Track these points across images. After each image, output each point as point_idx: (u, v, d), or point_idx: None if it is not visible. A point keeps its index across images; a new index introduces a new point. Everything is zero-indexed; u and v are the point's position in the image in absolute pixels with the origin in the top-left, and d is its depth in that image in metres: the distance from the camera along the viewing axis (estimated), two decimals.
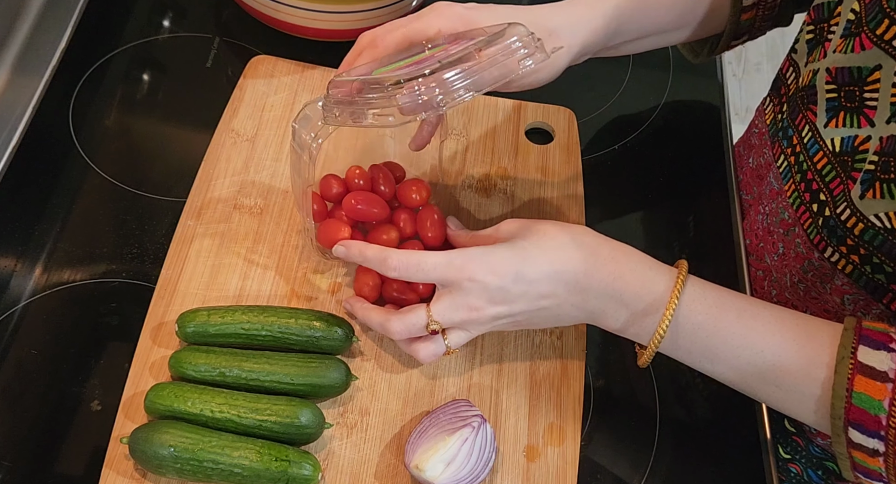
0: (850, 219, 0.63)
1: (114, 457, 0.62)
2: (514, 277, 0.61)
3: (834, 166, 0.66)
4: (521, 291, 0.61)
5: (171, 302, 0.69)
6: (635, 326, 0.62)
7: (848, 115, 0.64)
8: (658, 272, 0.62)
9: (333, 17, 0.85)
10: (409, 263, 0.62)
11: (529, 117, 0.85)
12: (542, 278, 0.61)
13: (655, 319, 0.61)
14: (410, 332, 0.64)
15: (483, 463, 0.63)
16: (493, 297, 0.61)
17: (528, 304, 0.62)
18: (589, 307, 0.63)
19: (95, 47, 0.86)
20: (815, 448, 0.78)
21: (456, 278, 0.61)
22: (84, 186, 0.77)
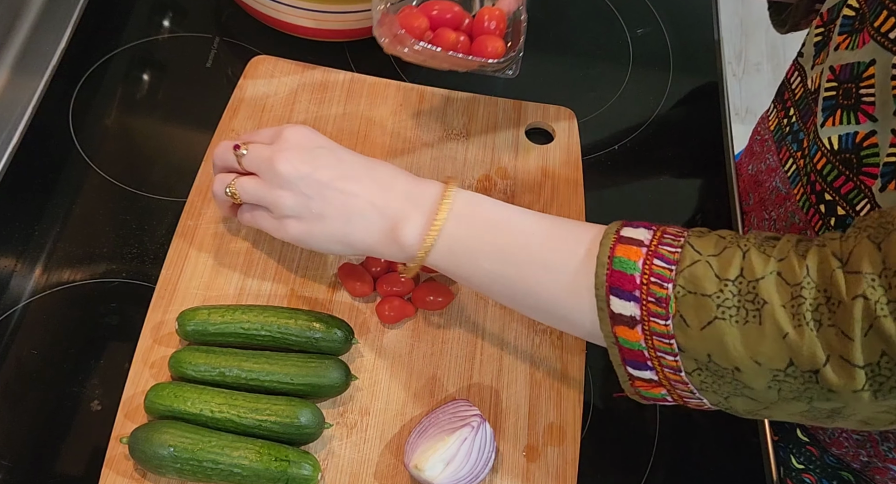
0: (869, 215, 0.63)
1: (114, 457, 0.62)
2: (329, 147, 0.64)
3: (835, 165, 0.65)
4: (330, 163, 0.63)
5: (171, 302, 0.69)
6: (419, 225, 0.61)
7: (845, 112, 0.64)
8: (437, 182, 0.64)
9: (333, 17, 0.85)
10: (243, 136, 0.67)
11: (529, 117, 0.85)
12: (354, 159, 0.64)
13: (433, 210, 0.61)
14: (222, 154, 0.66)
15: (483, 463, 0.63)
16: (303, 154, 0.63)
17: (331, 177, 0.62)
18: (388, 210, 0.61)
19: (95, 47, 0.86)
20: (829, 458, 0.78)
21: (279, 134, 0.64)
22: (84, 186, 0.77)
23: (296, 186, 0.62)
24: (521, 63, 0.74)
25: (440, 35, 0.72)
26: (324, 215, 0.62)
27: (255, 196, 0.64)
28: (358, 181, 0.62)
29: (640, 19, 1.00)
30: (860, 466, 0.75)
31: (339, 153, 0.64)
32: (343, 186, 0.62)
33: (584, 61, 0.95)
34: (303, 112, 0.82)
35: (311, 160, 0.62)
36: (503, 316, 0.73)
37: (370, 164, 0.64)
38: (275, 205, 0.63)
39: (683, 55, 0.97)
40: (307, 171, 0.62)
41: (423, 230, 0.61)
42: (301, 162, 0.62)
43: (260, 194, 0.64)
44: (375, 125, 0.83)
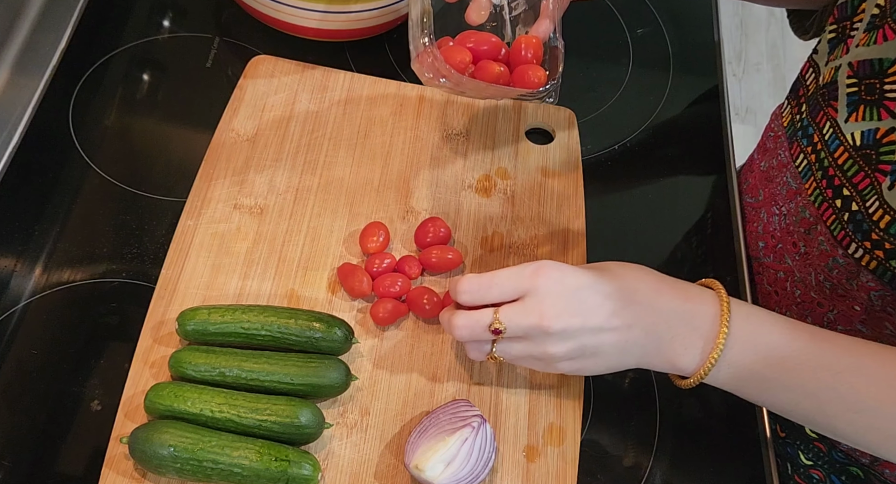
0: (877, 212, 0.63)
1: (114, 457, 0.62)
2: (590, 286, 0.58)
3: (856, 161, 0.66)
4: (596, 303, 0.58)
5: (171, 302, 0.69)
6: (695, 347, 0.59)
7: (868, 108, 0.64)
8: (707, 293, 0.61)
9: (333, 17, 0.85)
10: (481, 283, 0.60)
11: (529, 117, 0.85)
12: (618, 292, 0.59)
13: (711, 333, 0.59)
14: (473, 329, 0.60)
15: (483, 463, 0.63)
16: (568, 305, 0.58)
17: (602, 320, 0.58)
18: (660, 332, 0.60)
19: (95, 47, 0.86)
20: (837, 454, 0.78)
21: (530, 284, 0.58)
22: (84, 186, 0.77)
23: (570, 340, 0.59)
24: (559, 90, 0.74)
25: (483, 68, 0.72)
26: (598, 353, 0.60)
27: (526, 357, 0.61)
28: (628, 312, 0.59)
29: (640, 19, 1.00)
30: (869, 461, 0.75)
31: (599, 287, 0.59)
32: (616, 324, 0.59)
33: (584, 61, 0.95)
34: (303, 112, 0.82)
35: (578, 309, 0.58)
36: None
37: (631, 283, 0.60)
38: (545, 356, 0.60)
39: (683, 55, 0.97)
40: (578, 323, 0.58)
41: (701, 356, 0.59)
42: (570, 315, 0.58)
43: (530, 356, 0.61)
44: (375, 125, 0.83)
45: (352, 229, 0.76)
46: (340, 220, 0.76)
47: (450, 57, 0.71)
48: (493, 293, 0.60)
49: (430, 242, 0.75)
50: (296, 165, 0.79)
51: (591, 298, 0.59)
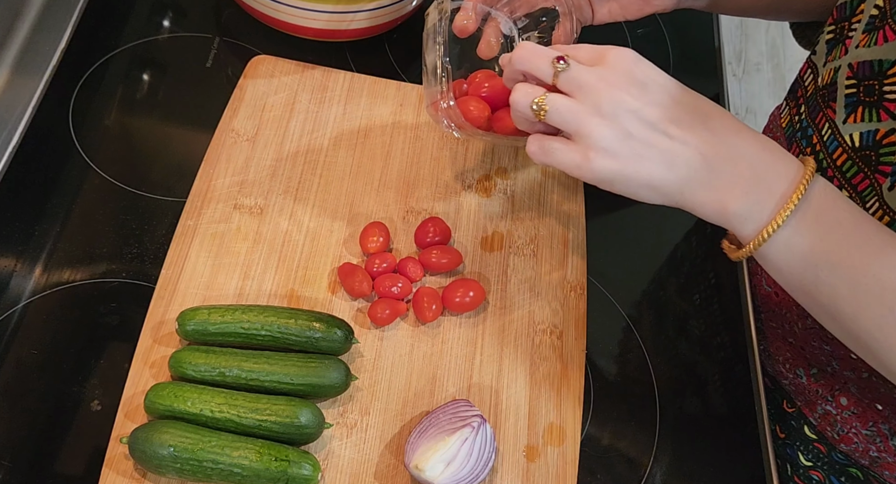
0: (876, 213, 0.63)
1: (114, 457, 0.62)
2: (665, 83, 0.55)
3: (855, 162, 0.65)
4: (662, 100, 0.54)
5: (171, 302, 0.69)
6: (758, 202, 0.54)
7: (867, 109, 0.64)
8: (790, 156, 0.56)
9: (333, 17, 0.85)
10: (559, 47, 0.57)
11: None
12: (692, 103, 0.55)
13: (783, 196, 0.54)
14: (534, 59, 0.57)
15: (483, 463, 0.63)
16: (632, 85, 0.54)
17: (658, 118, 0.54)
18: (720, 165, 0.54)
19: (95, 47, 0.86)
20: (837, 455, 0.78)
21: (607, 56, 0.55)
22: (84, 186, 0.77)
23: (619, 119, 0.54)
24: None
25: (500, 120, 0.70)
26: (643, 156, 0.54)
27: (567, 119, 0.55)
28: (691, 129, 0.54)
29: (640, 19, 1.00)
30: (869, 462, 0.75)
31: (673, 91, 0.56)
32: (674, 131, 0.54)
33: None
34: (303, 112, 0.82)
35: (641, 94, 0.54)
36: (503, 316, 0.73)
37: (710, 111, 0.56)
38: (588, 134, 0.54)
39: (683, 55, 0.97)
40: (636, 105, 0.54)
41: (763, 212, 0.54)
42: (630, 95, 0.54)
43: (575, 118, 0.54)
44: (375, 125, 0.83)
45: (352, 229, 0.76)
46: (340, 220, 0.76)
47: (467, 112, 0.70)
48: (569, 50, 0.56)
49: (430, 242, 0.75)
50: (296, 165, 0.79)
51: (660, 93, 0.55)
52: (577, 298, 0.75)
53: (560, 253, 0.77)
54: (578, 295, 0.75)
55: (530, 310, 0.74)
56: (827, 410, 0.76)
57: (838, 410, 0.75)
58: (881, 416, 0.71)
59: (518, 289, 0.75)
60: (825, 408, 0.76)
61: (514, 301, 0.74)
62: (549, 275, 0.76)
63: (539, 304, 0.74)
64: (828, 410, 0.76)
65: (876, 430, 0.72)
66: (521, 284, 0.75)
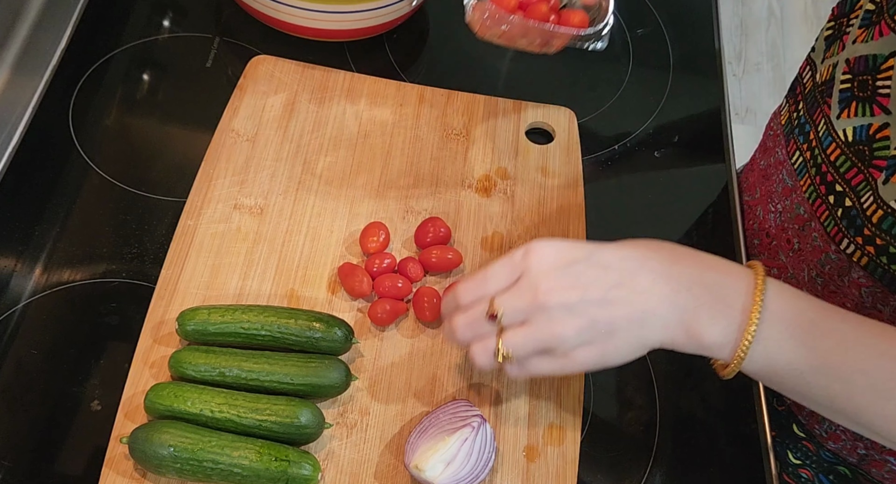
0: (870, 207, 0.63)
1: (114, 457, 0.62)
2: (586, 258, 0.54)
3: (848, 157, 0.66)
4: (594, 276, 0.54)
5: (171, 302, 0.69)
6: (726, 326, 0.54)
7: (860, 104, 0.64)
8: (737, 266, 0.56)
9: (333, 17, 0.85)
10: (476, 279, 0.58)
11: (529, 117, 0.85)
12: (620, 261, 0.54)
13: (744, 311, 0.54)
14: (472, 324, 0.57)
15: (483, 463, 0.63)
16: (562, 278, 0.54)
17: (604, 292, 0.54)
18: (681, 302, 0.54)
19: (95, 47, 0.86)
20: (825, 453, 0.78)
21: (523, 266, 0.55)
22: (84, 186, 0.77)
23: (574, 315, 0.54)
24: (609, 36, 0.77)
25: (531, 10, 0.77)
26: (614, 330, 0.55)
27: (535, 347, 0.56)
28: (637, 279, 0.55)
29: (640, 19, 1.00)
30: (857, 460, 0.75)
31: (598, 258, 0.55)
32: (622, 295, 0.54)
33: (584, 61, 0.95)
34: (303, 112, 0.82)
35: (574, 283, 0.54)
36: None
37: (640, 252, 0.56)
38: (558, 342, 0.55)
39: (683, 55, 0.97)
40: (577, 296, 0.54)
41: (733, 331, 0.54)
42: (565, 289, 0.54)
43: (539, 342, 0.56)
44: (375, 125, 0.83)
45: (352, 229, 0.76)
46: (340, 220, 0.76)
47: (500, 2, 0.76)
48: (490, 285, 0.57)
49: (430, 241, 0.75)
50: (296, 165, 0.79)
51: (588, 270, 0.54)
52: None
53: None
54: None
55: None
56: None
57: None
58: None
59: None
60: None
61: None
62: None
63: None
64: None
65: None
66: None
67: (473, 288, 0.58)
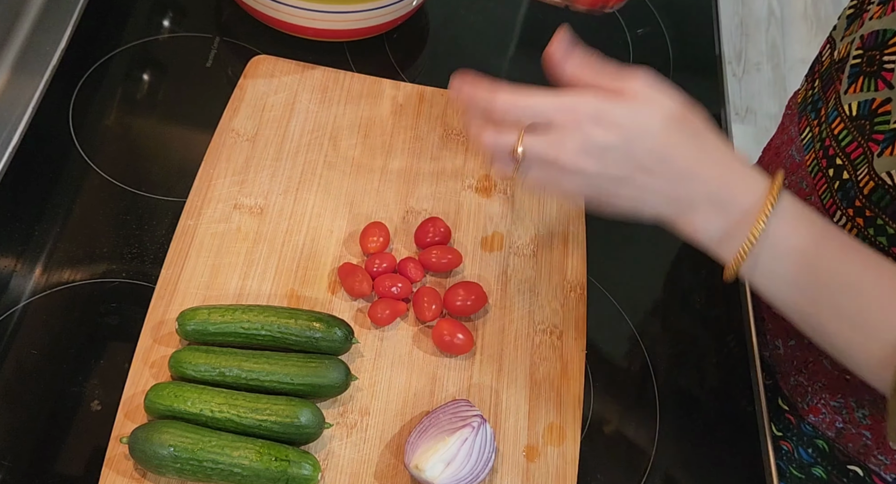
0: (863, 179, 0.64)
1: (114, 457, 0.62)
2: (621, 141, 0.55)
3: (850, 131, 0.66)
4: (620, 157, 0.55)
5: (171, 302, 0.69)
6: (727, 236, 0.56)
7: (866, 79, 0.65)
8: (758, 177, 0.56)
9: (333, 17, 0.85)
10: (517, 102, 0.56)
11: None
12: (647, 153, 0.55)
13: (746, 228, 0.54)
14: (496, 147, 0.57)
15: (483, 463, 0.63)
16: (589, 149, 0.55)
17: (621, 169, 0.56)
18: (680, 194, 0.56)
19: (95, 47, 0.86)
20: (806, 426, 0.79)
21: (562, 120, 0.55)
22: (84, 186, 0.77)
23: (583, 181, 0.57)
24: None
25: None
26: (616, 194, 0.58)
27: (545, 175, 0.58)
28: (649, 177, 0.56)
29: (640, 19, 1.00)
30: (834, 434, 0.76)
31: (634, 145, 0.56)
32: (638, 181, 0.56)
33: None
34: (303, 112, 0.82)
35: (599, 160, 0.56)
36: (503, 316, 0.73)
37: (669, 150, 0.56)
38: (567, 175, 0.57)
39: (683, 55, 0.97)
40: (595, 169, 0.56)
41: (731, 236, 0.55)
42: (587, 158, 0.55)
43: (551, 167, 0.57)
44: (375, 125, 0.83)
45: (352, 229, 0.76)
46: (340, 220, 0.76)
47: None
48: (526, 113, 0.56)
49: (430, 241, 0.75)
50: (296, 165, 0.79)
51: (616, 153, 0.55)
52: (577, 299, 0.75)
53: (560, 253, 0.77)
54: (578, 295, 0.75)
55: (530, 310, 0.74)
56: (799, 382, 0.77)
57: (810, 382, 0.76)
58: (849, 387, 0.71)
59: (518, 289, 0.75)
60: (798, 379, 0.77)
61: (514, 301, 0.74)
62: (549, 275, 0.76)
63: (539, 304, 0.74)
64: (800, 381, 0.77)
65: (843, 401, 0.73)
66: (521, 285, 0.75)
67: (513, 109, 0.57)
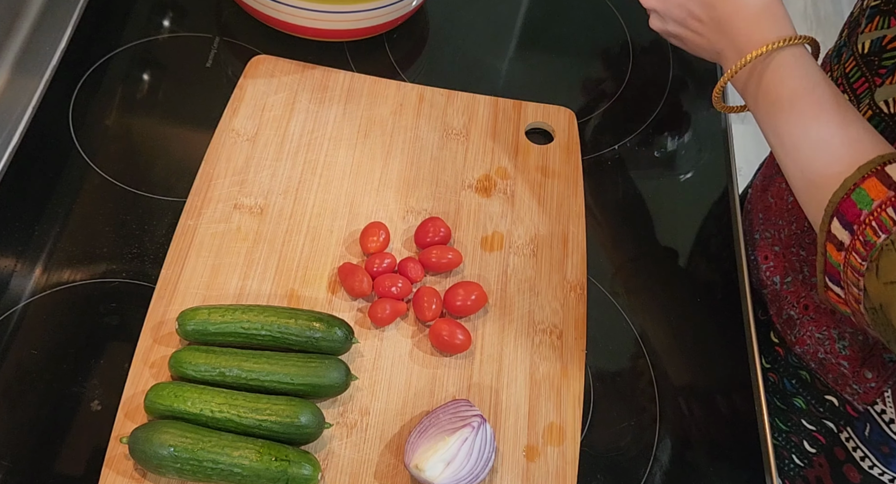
0: (866, 113, 0.66)
1: (114, 457, 0.62)
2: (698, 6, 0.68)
3: (860, 67, 0.68)
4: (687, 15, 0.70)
5: (171, 302, 0.69)
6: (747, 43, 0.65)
7: (882, 18, 0.66)
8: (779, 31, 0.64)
9: (333, 17, 0.85)
10: None
11: (529, 117, 0.85)
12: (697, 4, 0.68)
13: None
14: None
15: (483, 463, 0.63)
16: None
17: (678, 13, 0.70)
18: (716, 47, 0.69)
19: (95, 47, 0.86)
20: (792, 357, 0.81)
21: None
22: (84, 186, 0.77)
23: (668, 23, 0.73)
24: None
25: None
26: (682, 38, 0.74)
27: None
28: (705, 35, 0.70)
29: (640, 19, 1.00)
30: (816, 364, 0.79)
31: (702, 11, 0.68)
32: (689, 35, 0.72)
33: (584, 61, 0.95)
34: (303, 112, 0.82)
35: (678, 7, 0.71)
36: (503, 316, 0.73)
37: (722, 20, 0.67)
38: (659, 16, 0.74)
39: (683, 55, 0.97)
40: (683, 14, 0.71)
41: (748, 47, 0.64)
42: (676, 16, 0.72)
43: None
44: (375, 125, 0.83)
45: (352, 229, 0.76)
46: (340, 220, 0.76)
47: None
48: None
49: (430, 241, 0.75)
50: (296, 165, 0.79)
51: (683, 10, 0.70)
52: (577, 298, 0.75)
53: (560, 253, 0.77)
54: (578, 295, 0.75)
55: (530, 310, 0.74)
56: (790, 315, 0.80)
57: (800, 315, 0.79)
58: (833, 320, 0.75)
59: (518, 289, 0.75)
60: (789, 313, 0.80)
61: (514, 301, 0.74)
62: (549, 275, 0.76)
63: (539, 304, 0.74)
64: (791, 315, 0.80)
65: (826, 333, 0.76)
66: (521, 284, 0.75)
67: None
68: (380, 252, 0.73)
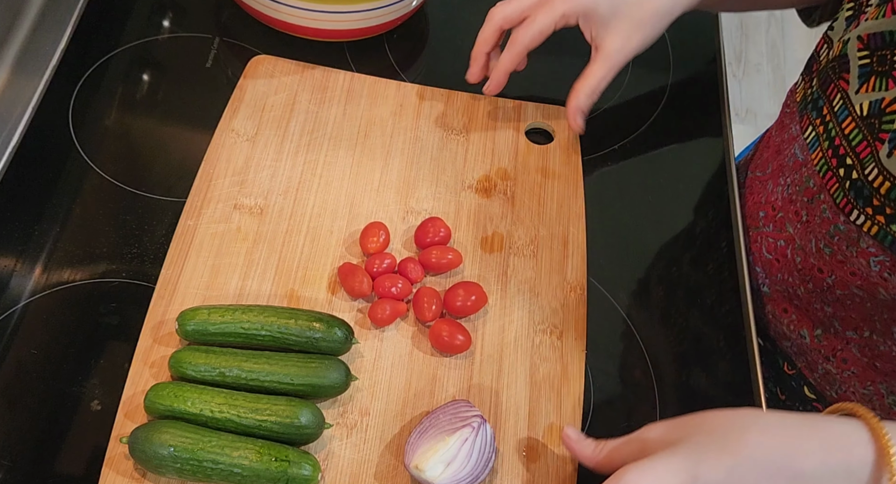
0: (877, 179, 0.66)
1: (113, 457, 0.62)
2: None
3: (861, 130, 0.68)
4: None
5: (171, 302, 0.69)
6: None
7: (878, 79, 0.66)
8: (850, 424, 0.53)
9: (333, 17, 0.85)
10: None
11: (529, 117, 0.85)
12: (730, 473, 0.50)
13: None
14: None
15: (483, 463, 0.63)
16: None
17: None
18: None
19: (95, 47, 0.86)
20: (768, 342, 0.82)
21: None
22: (84, 186, 0.77)
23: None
24: None
25: None
26: None
27: None
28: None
29: None
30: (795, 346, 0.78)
31: None
32: None
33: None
34: (303, 112, 0.82)
35: None
36: (503, 316, 0.73)
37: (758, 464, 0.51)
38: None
39: (683, 55, 0.97)
40: None
41: None
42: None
43: None
44: (375, 125, 0.83)
45: (352, 229, 0.76)
46: (340, 221, 0.76)
47: None
48: None
49: (430, 242, 0.75)
50: (296, 166, 0.79)
51: None
52: (577, 299, 0.75)
53: (560, 253, 0.77)
54: (578, 295, 0.75)
55: (530, 310, 0.74)
56: (827, 370, 0.78)
57: (839, 370, 0.77)
58: (880, 374, 0.73)
59: (518, 289, 0.75)
60: (826, 367, 0.78)
61: (514, 301, 0.74)
62: (549, 275, 0.76)
63: (539, 304, 0.74)
64: (828, 369, 0.78)
65: (873, 389, 0.75)
66: (521, 285, 0.75)
67: None
68: (380, 252, 0.73)
